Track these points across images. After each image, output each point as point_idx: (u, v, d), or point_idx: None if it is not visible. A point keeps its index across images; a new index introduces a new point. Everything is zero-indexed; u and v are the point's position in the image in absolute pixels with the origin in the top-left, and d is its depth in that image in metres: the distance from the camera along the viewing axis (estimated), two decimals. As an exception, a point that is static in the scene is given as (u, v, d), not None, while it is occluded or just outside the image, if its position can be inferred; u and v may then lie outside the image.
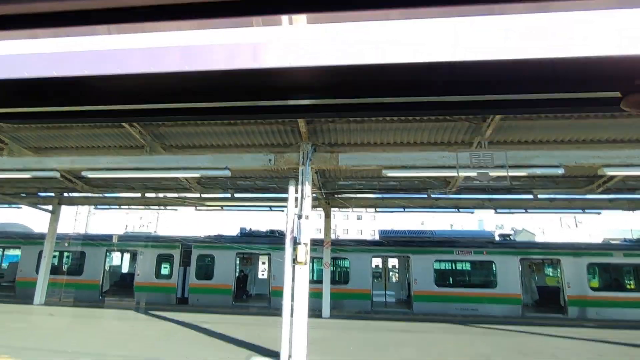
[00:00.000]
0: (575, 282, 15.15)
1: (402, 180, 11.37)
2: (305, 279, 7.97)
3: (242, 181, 11.56)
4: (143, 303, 15.55)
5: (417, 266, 15.65)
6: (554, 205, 13.74)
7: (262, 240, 17.06)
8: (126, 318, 12.96)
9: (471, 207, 14.05)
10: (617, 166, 8.52)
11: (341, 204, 14.26)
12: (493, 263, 15.72)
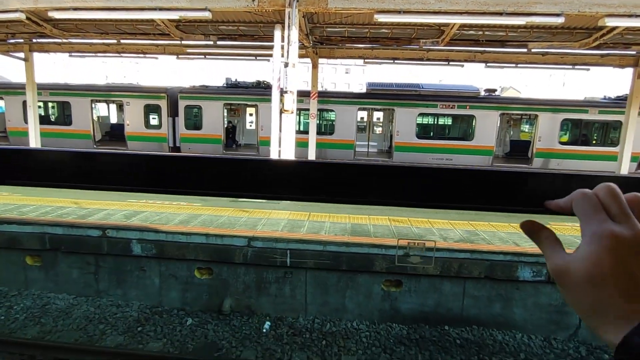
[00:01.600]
0: (546, 136, 16.13)
1: (394, 27, 10.72)
2: (292, 127, 8.32)
3: (225, 26, 10.71)
4: (138, 150, 16.23)
5: (400, 119, 16.16)
6: (545, 59, 13.46)
7: (249, 91, 16.89)
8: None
9: (462, 60, 13.67)
10: (621, 16, 8.13)
11: (329, 54, 13.68)
12: (474, 117, 16.29)
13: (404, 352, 5.39)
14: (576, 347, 5.63)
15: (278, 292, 6.16)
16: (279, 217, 7.19)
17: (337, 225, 6.82)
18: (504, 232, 6.67)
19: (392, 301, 6.06)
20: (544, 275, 5.70)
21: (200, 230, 6.21)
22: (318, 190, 0.58)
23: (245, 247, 6.01)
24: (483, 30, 10.73)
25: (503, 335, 5.78)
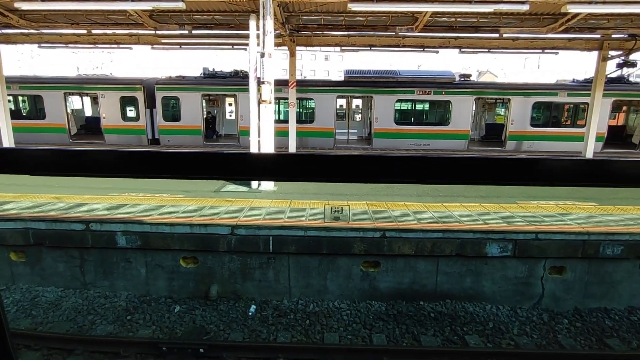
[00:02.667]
0: (518, 119, 16.72)
1: (368, 15, 10.88)
2: (270, 117, 8.46)
3: (200, 15, 10.63)
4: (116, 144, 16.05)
5: (379, 106, 16.42)
6: (516, 44, 13.88)
7: (227, 81, 16.79)
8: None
9: (437, 46, 13.95)
10: (582, 3, 8.54)
11: (306, 42, 13.72)
12: (450, 102, 16.70)
13: (382, 326, 5.76)
14: (539, 314, 6.13)
15: (262, 277, 6.42)
16: (260, 206, 7.40)
17: (317, 211, 7.08)
18: (474, 212, 7.08)
19: (371, 281, 6.41)
20: (510, 250, 6.13)
21: (185, 220, 6.37)
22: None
23: (229, 235, 6.22)
24: (455, 17, 11.01)
25: (474, 307, 6.21)
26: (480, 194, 8.64)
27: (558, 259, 6.20)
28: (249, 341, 5.35)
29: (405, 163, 0.74)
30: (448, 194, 8.70)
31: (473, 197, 8.30)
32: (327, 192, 8.56)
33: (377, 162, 0.75)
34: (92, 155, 0.81)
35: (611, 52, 13.88)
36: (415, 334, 5.60)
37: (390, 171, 0.76)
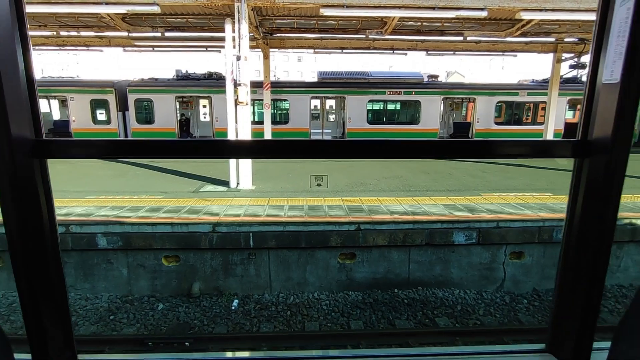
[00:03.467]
0: (483, 117, 17.63)
1: (340, 19, 11.29)
2: (247, 118, 8.68)
3: (173, 18, 10.71)
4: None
5: (352, 106, 16.91)
6: (479, 47, 14.71)
7: (201, 82, 16.82)
8: (72, 162, 13.33)
9: (405, 48, 14.58)
10: (533, 10, 9.27)
11: (280, 44, 14.01)
12: (419, 102, 17.40)
13: (359, 314, 6.13)
14: (502, 296, 6.67)
15: (244, 272, 6.65)
16: (240, 204, 7.62)
17: (295, 207, 7.38)
18: (442, 204, 7.58)
19: (348, 272, 6.77)
20: (474, 238, 6.65)
21: (166, 220, 6.52)
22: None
23: (210, 233, 6.42)
24: (421, 21, 11.60)
25: (443, 293, 6.69)
26: (448, 188, 9.20)
27: (517, 245, 6.77)
28: (233, 332, 5.58)
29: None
30: (418, 188, 9.20)
31: (441, 191, 8.84)
32: (304, 190, 8.87)
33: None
34: (135, 143, 1.12)
35: (565, 54, 14.94)
36: (390, 319, 6.00)
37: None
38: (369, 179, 10.43)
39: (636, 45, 0.95)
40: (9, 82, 0.98)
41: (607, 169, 1.04)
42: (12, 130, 0.98)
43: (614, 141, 1.01)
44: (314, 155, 1.15)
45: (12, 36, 0.99)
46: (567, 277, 1.19)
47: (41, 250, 1.10)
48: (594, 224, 1.09)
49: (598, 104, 1.05)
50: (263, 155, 1.17)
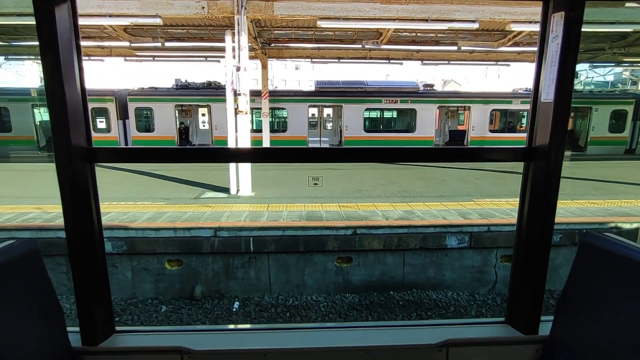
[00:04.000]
0: (478, 125, 17.98)
1: (336, 30, 11.64)
2: (247, 127, 8.95)
3: (174, 29, 11.03)
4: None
5: (349, 114, 17.24)
6: (473, 57, 15.10)
7: (201, 92, 17.13)
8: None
9: (401, 58, 14.96)
10: (523, 22, 9.64)
11: (278, 54, 14.35)
12: (415, 111, 17.76)
13: (356, 315, 6.35)
14: (494, 298, 6.90)
15: (244, 275, 6.86)
16: (240, 210, 7.85)
17: (293, 213, 7.62)
18: (435, 210, 7.84)
19: (345, 275, 6.99)
20: (466, 242, 6.90)
21: (169, 225, 6.74)
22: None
23: (212, 238, 6.64)
24: (416, 32, 11.96)
25: (437, 294, 6.91)
26: (441, 194, 9.47)
27: (508, 248, 7.01)
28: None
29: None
30: (413, 195, 9.46)
31: (435, 197, 9.10)
32: (303, 196, 9.12)
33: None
34: (162, 150, 1.38)
35: (556, 63, 15.30)
36: (385, 319, 6.22)
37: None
38: (365, 186, 10.68)
39: (564, 72, 1.22)
40: (70, 93, 1.22)
41: (546, 171, 1.30)
42: (72, 138, 1.23)
43: (550, 148, 1.28)
44: (307, 160, 1.41)
45: (71, 47, 1.23)
46: (519, 266, 1.45)
47: (91, 245, 1.34)
48: (537, 219, 1.36)
49: (539, 118, 1.32)
50: (264, 160, 1.44)
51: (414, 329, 1.50)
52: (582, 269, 1.24)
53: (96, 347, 1.36)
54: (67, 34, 1.19)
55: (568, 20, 1.20)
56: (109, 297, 1.42)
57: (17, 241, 1.15)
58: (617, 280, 1.11)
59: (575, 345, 1.24)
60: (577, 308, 1.25)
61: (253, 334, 1.48)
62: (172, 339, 1.40)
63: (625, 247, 1.11)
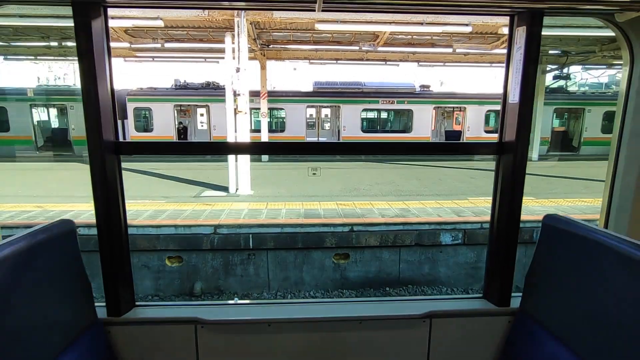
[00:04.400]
0: (474, 125, 18.21)
1: (334, 33, 11.82)
2: (246, 126, 9.11)
3: (174, 31, 11.18)
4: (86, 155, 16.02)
5: (346, 115, 17.43)
6: (467, 59, 15.31)
7: (199, 92, 17.27)
8: (76, 168, 13.66)
9: (397, 60, 15.15)
10: (515, 25, 9.85)
11: (276, 56, 14.52)
12: (411, 111, 17.97)
13: (352, 310, 6.52)
14: (487, 293, 7.10)
15: (243, 272, 7.02)
16: (239, 208, 8.01)
17: (292, 210, 7.79)
18: (430, 208, 8.03)
19: (342, 271, 7.17)
20: (460, 239, 7.09)
21: (169, 222, 6.89)
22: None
23: (211, 235, 6.79)
24: (412, 35, 12.16)
25: (432, 290, 7.10)
26: (437, 193, 9.66)
27: (500, 245, 7.21)
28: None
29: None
30: (409, 193, 9.65)
31: (430, 195, 9.29)
32: (301, 194, 9.29)
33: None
34: (183, 144, 1.57)
35: (549, 65, 15.61)
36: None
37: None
38: (362, 185, 10.87)
39: (526, 77, 1.41)
40: (102, 92, 1.40)
41: (513, 164, 1.49)
42: (103, 133, 1.40)
43: (517, 143, 1.46)
44: (307, 153, 1.60)
45: (103, 53, 1.40)
46: (493, 248, 1.63)
47: (118, 230, 1.51)
48: (507, 207, 1.54)
49: (507, 117, 1.51)
50: (277, 152, 1.62)
51: (401, 303, 1.68)
52: (545, 247, 1.42)
53: (119, 318, 1.53)
54: (101, 42, 1.36)
55: (529, 33, 1.39)
56: (130, 276, 1.59)
57: (57, 221, 1.32)
58: (576, 257, 1.28)
59: (542, 315, 1.42)
60: (541, 282, 1.43)
61: (259, 307, 1.65)
62: (187, 311, 1.57)
63: (582, 228, 1.28)
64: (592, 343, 1.17)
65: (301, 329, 1.55)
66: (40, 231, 1.22)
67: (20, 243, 1.11)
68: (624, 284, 1.08)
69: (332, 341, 1.56)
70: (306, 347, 1.55)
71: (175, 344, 1.53)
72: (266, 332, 1.53)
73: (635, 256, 1.04)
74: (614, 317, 1.10)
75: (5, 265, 1.04)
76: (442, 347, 1.58)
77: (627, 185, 1.55)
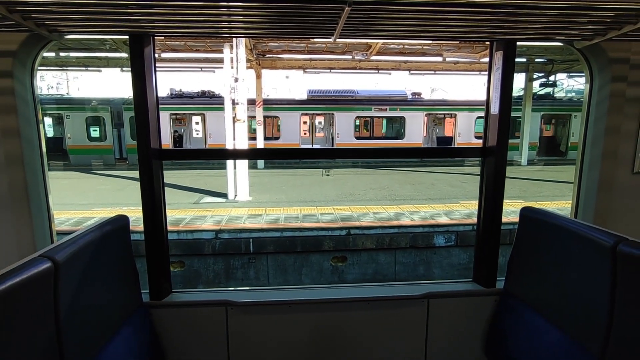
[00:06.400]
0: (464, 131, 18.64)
1: (327, 43, 12.18)
2: (244, 134, 9.35)
3: (171, 41, 11.43)
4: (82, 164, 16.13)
5: (340, 122, 17.77)
6: (457, 67, 15.79)
7: (195, 100, 17.48)
8: (72, 177, 13.74)
9: (389, 68, 15.57)
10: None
11: (271, 65, 14.83)
12: (404, 118, 18.37)
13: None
14: (479, 293, 7.38)
15: (244, 275, 7.22)
16: (239, 214, 8.22)
17: (290, 215, 8.02)
18: (424, 211, 8.32)
19: (340, 273, 7.40)
20: (453, 240, 7.38)
21: (171, 228, 7.07)
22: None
23: (213, 240, 7.00)
24: (403, 44, 12.58)
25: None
26: (430, 197, 9.98)
27: (491, 246, 7.51)
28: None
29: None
30: (403, 198, 9.95)
31: (423, 200, 9.60)
32: (299, 200, 9.53)
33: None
34: (215, 151, 1.83)
35: (536, 73, 16.14)
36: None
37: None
38: (357, 190, 11.14)
39: (504, 92, 1.70)
40: (150, 105, 1.64)
41: (495, 165, 1.77)
42: (152, 142, 1.65)
43: (498, 148, 1.74)
44: (305, 157, 1.87)
45: (152, 70, 1.65)
46: (480, 238, 1.91)
47: (160, 229, 1.75)
48: (490, 203, 1.82)
49: (490, 125, 1.79)
50: (267, 157, 1.89)
51: (403, 286, 1.94)
52: (524, 235, 1.68)
53: (160, 301, 1.77)
54: (150, 65, 1.61)
55: (505, 57, 1.68)
56: (169, 266, 1.83)
57: (115, 216, 1.55)
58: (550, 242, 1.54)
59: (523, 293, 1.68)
60: (521, 266, 1.70)
61: (281, 290, 1.90)
62: (219, 295, 1.81)
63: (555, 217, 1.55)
64: (564, 313, 1.41)
65: (317, 309, 1.79)
66: (106, 223, 1.45)
67: (94, 233, 1.34)
68: (591, 264, 1.31)
69: (344, 319, 1.81)
70: (322, 324, 1.80)
71: (208, 323, 1.77)
72: (287, 312, 1.78)
73: (600, 240, 1.26)
74: (579, 290, 1.35)
75: (86, 250, 1.27)
76: (438, 323, 1.84)
77: (591, 182, 1.84)
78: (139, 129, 1.64)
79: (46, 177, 1.71)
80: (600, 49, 1.71)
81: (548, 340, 1.47)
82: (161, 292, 1.79)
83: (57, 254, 1.09)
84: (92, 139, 17.01)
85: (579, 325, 1.34)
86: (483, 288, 1.90)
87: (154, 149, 1.67)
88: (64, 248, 1.15)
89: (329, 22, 1.46)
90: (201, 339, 1.76)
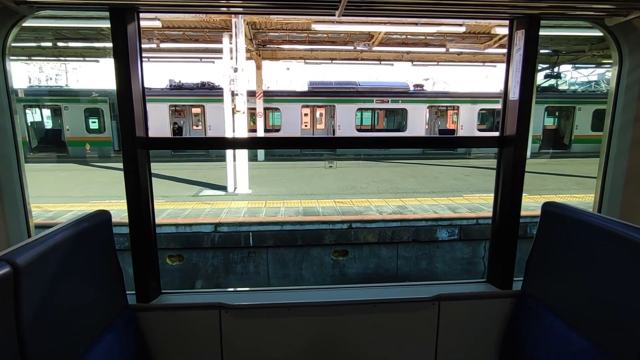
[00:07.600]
0: (467, 124, 18.43)
1: (329, 33, 11.93)
2: (244, 126, 9.19)
3: (171, 31, 11.21)
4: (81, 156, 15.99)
5: (341, 114, 17.56)
6: (460, 58, 15.52)
7: (194, 92, 17.27)
8: (71, 169, 13.61)
9: (392, 59, 15.31)
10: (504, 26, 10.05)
11: (272, 56, 14.59)
12: (406, 110, 18.15)
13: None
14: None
15: (244, 269, 7.11)
16: (239, 207, 8.09)
17: (290, 208, 7.89)
18: (427, 205, 8.18)
19: (341, 268, 7.29)
20: (456, 234, 7.25)
21: (170, 221, 6.95)
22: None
23: (212, 233, 6.87)
24: (406, 35, 12.32)
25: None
26: (433, 190, 9.82)
27: (495, 240, 7.38)
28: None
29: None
30: (405, 191, 9.80)
31: (426, 193, 9.45)
32: (299, 193, 9.39)
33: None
34: (203, 140, 1.68)
35: (541, 64, 15.87)
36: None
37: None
38: (359, 183, 10.99)
39: (526, 76, 1.54)
40: (135, 89, 1.49)
41: (514, 156, 1.61)
42: (136, 130, 1.50)
43: (517, 137, 1.59)
44: (306, 147, 1.72)
45: (136, 56, 1.49)
46: (495, 235, 1.76)
47: (147, 223, 1.60)
48: (508, 196, 1.67)
49: (508, 112, 1.63)
50: (267, 147, 1.75)
51: (412, 287, 1.80)
52: (545, 232, 1.54)
53: (148, 304, 1.63)
54: (134, 44, 1.45)
55: (527, 36, 1.52)
56: (157, 266, 1.68)
57: (96, 211, 1.41)
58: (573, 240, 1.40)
59: (543, 295, 1.54)
60: (542, 265, 1.55)
61: (279, 292, 1.76)
62: (212, 297, 1.67)
63: (579, 213, 1.40)
64: (590, 318, 1.28)
65: (319, 313, 1.66)
66: (82, 220, 1.30)
67: (67, 230, 1.20)
68: (618, 263, 1.18)
69: (348, 323, 1.67)
70: (323, 328, 1.66)
71: (200, 327, 1.63)
72: (286, 315, 1.64)
73: (629, 236, 1.14)
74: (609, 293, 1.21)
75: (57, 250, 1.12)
76: (450, 327, 1.70)
77: (618, 174, 1.68)
78: (122, 115, 1.48)
79: (22, 168, 1.55)
80: (633, 27, 1.54)
81: (571, 348, 1.34)
82: (149, 294, 1.64)
83: (17, 256, 0.95)
84: (91, 130, 16.85)
85: (608, 332, 1.21)
86: (498, 290, 1.76)
87: (139, 137, 1.51)
88: (29, 249, 1.01)
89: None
90: (192, 345, 1.63)
